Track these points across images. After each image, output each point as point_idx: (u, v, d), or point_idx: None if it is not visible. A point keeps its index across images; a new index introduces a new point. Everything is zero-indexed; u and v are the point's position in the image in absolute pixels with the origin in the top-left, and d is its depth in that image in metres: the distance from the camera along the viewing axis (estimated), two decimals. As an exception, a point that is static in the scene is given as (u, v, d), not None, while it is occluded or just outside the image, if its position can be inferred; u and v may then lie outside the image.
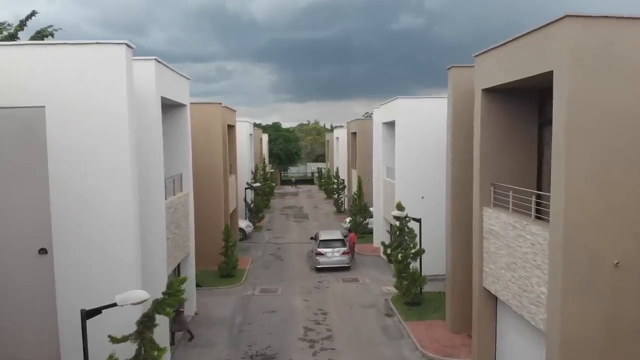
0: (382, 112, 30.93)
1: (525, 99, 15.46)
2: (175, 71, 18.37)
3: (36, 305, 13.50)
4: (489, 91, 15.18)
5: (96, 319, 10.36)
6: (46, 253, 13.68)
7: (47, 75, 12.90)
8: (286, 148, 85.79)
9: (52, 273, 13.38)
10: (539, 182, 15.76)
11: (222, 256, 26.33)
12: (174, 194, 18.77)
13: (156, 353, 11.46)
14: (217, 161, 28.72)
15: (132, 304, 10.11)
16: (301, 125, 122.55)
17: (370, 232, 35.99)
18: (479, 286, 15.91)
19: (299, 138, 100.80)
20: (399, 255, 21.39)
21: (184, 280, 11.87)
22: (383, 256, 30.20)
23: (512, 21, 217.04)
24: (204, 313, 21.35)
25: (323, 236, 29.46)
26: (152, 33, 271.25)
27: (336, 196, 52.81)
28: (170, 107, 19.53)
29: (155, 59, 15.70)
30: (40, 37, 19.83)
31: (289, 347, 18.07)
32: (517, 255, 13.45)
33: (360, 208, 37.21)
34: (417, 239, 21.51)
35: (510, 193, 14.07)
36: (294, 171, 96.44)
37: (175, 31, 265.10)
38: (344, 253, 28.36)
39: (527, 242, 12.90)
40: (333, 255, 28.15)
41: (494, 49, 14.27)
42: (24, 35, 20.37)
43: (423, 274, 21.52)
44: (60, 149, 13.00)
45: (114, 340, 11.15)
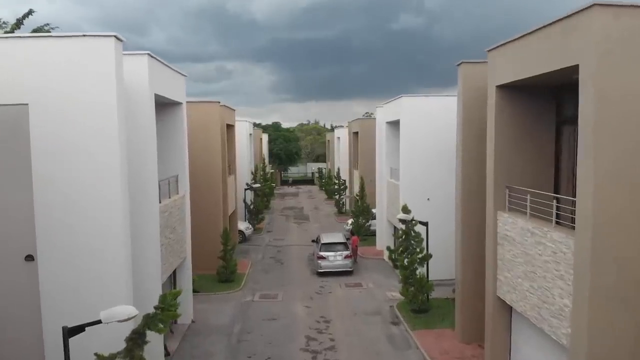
0: (386, 111, 29.99)
1: (541, 96, 14.55)
2: (170, 67, 17.42)
3: (20, 317, 12.58)
4: (504, 88, 14.26)
5: (83, 334, 9.46)
6: (33, 260, 12.79)
7: (31, 70, 12.00)
8: (286, 148, 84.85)
9: (37, 282, 12.47)
10: (557, 185, 14.85)
11: (221, 260, 25.39)
12: (169, 197, 17.84)
13: (147, 372, 10.54)
14: (216, 161, 27.80)
15: (119, 321, 9.17)
16: (301, 125, 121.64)
17: (372, 235, 35.05)
18: (493, 295, 14.98)
19: (299, 138, 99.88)
20: (405, 260, 20.45)
21: (178, 293, 10.91)
22: (387, 260, 29.29)
23: (513, 21, 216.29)
24: (201, 321, 20.41)
25: (325, 239, 28.51)
26: (152, 33, 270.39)
27: (337, 197, 51.87)
28: (165, 106, 18.59)
29: (148, 54, 14.76)
30: None
31: (291, 358, 17.13)
32: (537, 263, 12.52)
33: (362, 209, 36.26)
34: (424, 243, 20.58)
35: (527, 197, 13.13)
36: (294, 171, 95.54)
37: (175, 31, 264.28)
38: (347, 257, 27.41)
39: (548, 250, 11.97)
40: (335, 259, 27.19)
41: (510, 43, 13.35)
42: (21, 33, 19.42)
43: (430, 280, 20.59)
44: (44, 149, 12.09)
45: (101, 358, 10.24)
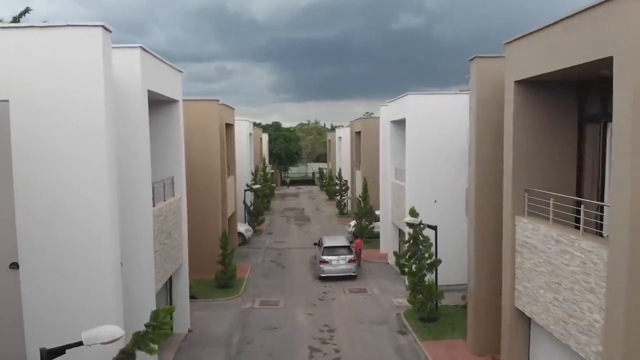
0: (391, 110, 28.96)
1: (562, 92, 13.55)
2: (165, 62, 16.41)
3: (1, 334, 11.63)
4: (523, 83, 13.26)
5: (67, 354, 8.47)
6: (17, 268, 11.80)
7: (11, 64, 10.99)
8: (286, 148, 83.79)
9: (19, 292, 11.47)
10: (579, 188, 13.86)
11: (220, 265, 24.37)
12: (165, 200, 16.82)
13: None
14: (214, 162, 26.81)
15: (102, 343, 8.16)
16: (301, 125, 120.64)
17: (376, 237, 34.00)
18: (510, 306, 13.98)
19: (300, 138, 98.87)
20: (413, 266, 19.43)
21: (172, 310, 9.90)
22: (393, 266, 28.26)
23: (513, 21, 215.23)
24: (199, 330, 19.39)
25: (327, 242, 27.48)
26: (153, 33, 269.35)
27: (339, 198, 50.87)
28: (160, 103, 17.60)
29: (140, 47, 13.75)
30: None
31: (293, 371, 16.17)
32: (562, 274, 11.51)
33: (365, 211, 35.25)
34: (433, 248, 19.56)
35: (550, 201, 12.12)
36: (295, 171, 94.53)
37: (175, 31, 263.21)
38: (350, 261, 26.39)
39: (576, 260, 10.96)
40: (338, 263, 26.17)
41: (531, 35, 12.35)
42: None
43: (439, 286, 19.57)
44: (26, 149, 11.08)
45: (85, 381, 9.22)
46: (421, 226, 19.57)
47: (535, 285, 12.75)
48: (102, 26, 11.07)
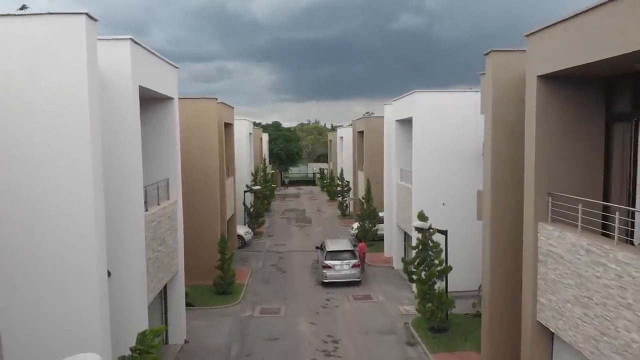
0: (396, 109, 27.88)
1: (588, 89, 12.48)
2: (159, 57, 15.36)
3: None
4: (547, 78, 12.18)
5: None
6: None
7: (-13, 55, 9.96)
8: (287, 148, 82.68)
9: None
10: (606, 192, 12.79)
11: (218, 270, 23.30)
12: (159, 204, 15.76)
13: None
14: (213, 163, 25.78)
15: (79, 374, 7.11)
16: (302, 124, 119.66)
17: (380, 239, 32.96)
18: (531, 319, 12.90)
19: (300, 138, 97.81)
20: (423, 273, 18.36)
21: (161, 331, 8.87)
22: (399, 271, 27.25)
23: (513, 21, 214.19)
24: (195, 340, 18.32)
25: (330, 246, 26.41)
26: (153, 33, 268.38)
27: (340, 199, 49.80)
28: (154, 101, 16.55)
29: (130, 39, 12.68)
30: None
31: (296, 387, 15.12)
32: (593, 288, 10.44)
33: (369, 213, 34.15)
34: (444, 254, 18.50)
35: (579, 207, 11.06)
36: (295, 172, 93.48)
37: (175, 31, 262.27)
38: (354, 266, 25.31)
39: (610, 273, 9.89)
40: (342, 268, 25.11)
41: (558, 24, 11.27)
42: None
43: (448, 293, 18.52)
44: (2, 148, 10.06)
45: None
46: (431, 231, 18.51)
47: (561, 298, 11.68)
48: (86, 14, 10.04)
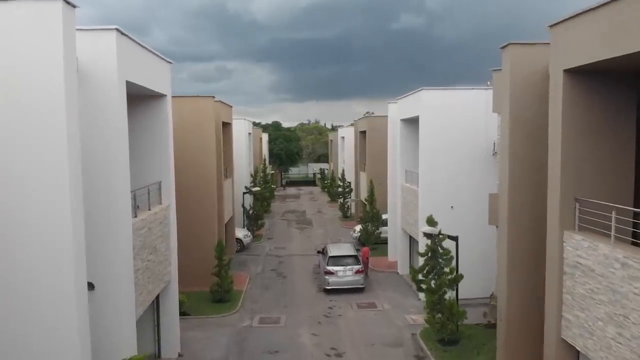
0: (401, 107, 26.73)
1: (618, 84, 11.37)
2: (150, 50, 14.23)
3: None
4: (574, 73, 11.07)
5: None
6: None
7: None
8: (287, 148, 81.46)
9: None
10: (637, 197, 11.70)
11: (215, 277, 22.18)
12: (149, 209, 14.64)
13: None
14: (210, 163, 24.67)
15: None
16: (302, 124, 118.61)
17: (383, 243, 31.84)
18: (556, 337, 11.78)
19: (300, 138, 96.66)
20: (432, 282, 17.23)
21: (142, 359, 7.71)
22: (403, 276, 26.16)
23: (513, 20, 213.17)
24: (190, 353, 17.19)
25: (333, 251, 25.26)
26: (153, 33, 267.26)
27: (342, 200, 48.68)
28: (145, 98, 15.44)
29: (116, 29, 11.56)
30: None
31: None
32: (631, 306, 9.33)
33: (372, 215, 33.02)
34: (454, 262, 17.38)
35: (612, 214, 9.95)
36: (295, 172, 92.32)
37: (176, 31, 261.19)
38: (358, 272, 24.17)
39: (653, 290, 8.79)
40: (345, 274, 23.97)
41: (588, 13, 10.16)
42: None
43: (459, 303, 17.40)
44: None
45: None
46: (440, 237, 17.39)
47: (591, 315, 10.57)
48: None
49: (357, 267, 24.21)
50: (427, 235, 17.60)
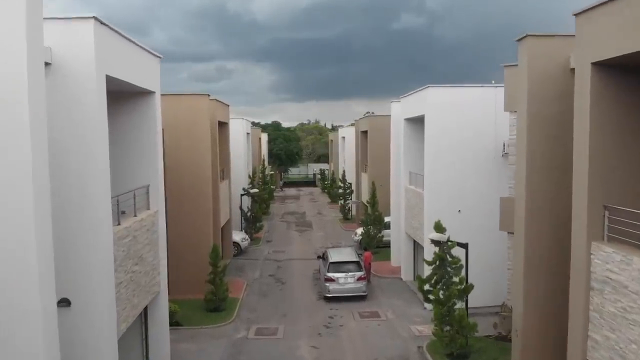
0: (405, 106, 25.60)
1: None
2: (135, 43, 13.07)
3: None
4: (603, 66, 9.94)
5: None
6: None
7: None
8: (287, 148, 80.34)
9: None
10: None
11: (210, 284, 21.05)
12: (135, 215, 13.51)
13: None
14: (205, 165, 23.58)
15: None
16: (302, 124, 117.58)
17: (385, 246, 30.72)
18: (581, 358, 10.66)
19: (300, 138, 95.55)
20: (441, 293, 16.10)
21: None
22: (409, 284, 25.07)
23: (513, 20, 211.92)
24: (181, 369, 16.12)
25: (333, 257, 24.12)
26: (154, 33, 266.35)
27: (342, 202, 47.54)
28: (131, 96, 14.31)
29: (94, 18, 10.42)
30: None
31: None
32: (675, 329, 8.22)
33: (374, 218, 31.89)
34: (463, 271, 16.26)
35: (649, 224, 8.83)
36: (295, 172, 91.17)
37: (176, 31, 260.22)
38: (360, 278, 23.04)
39: (703, 314, 7.66)
40: (346, 281, 22.85)
41: (620, -2, 9.05)
42: None
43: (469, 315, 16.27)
44: None
45: None
46: (449, 244, 16.27)
47: (622, 337, 9.44)
48: (25, -20, 7.78)
49: (359, 274, 23.08)
50: (435, 242, 16.47)
